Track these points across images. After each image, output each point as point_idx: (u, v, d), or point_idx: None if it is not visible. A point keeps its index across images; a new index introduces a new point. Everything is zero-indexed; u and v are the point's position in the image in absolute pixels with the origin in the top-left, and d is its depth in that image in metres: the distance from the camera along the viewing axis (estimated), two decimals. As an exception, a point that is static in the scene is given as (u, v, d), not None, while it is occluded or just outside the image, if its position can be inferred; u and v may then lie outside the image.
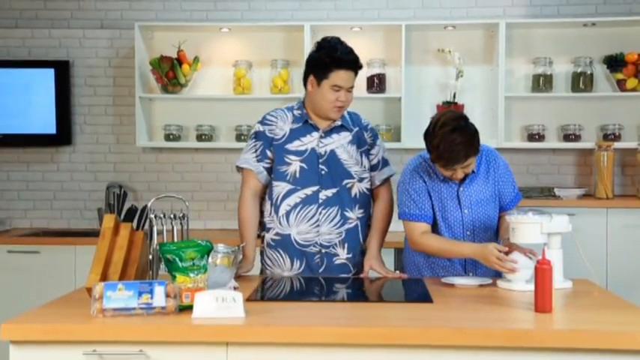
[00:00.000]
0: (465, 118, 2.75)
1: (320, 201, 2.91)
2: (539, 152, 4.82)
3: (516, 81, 4.80)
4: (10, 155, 5.02)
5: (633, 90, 4.62)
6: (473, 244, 2.77)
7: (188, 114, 4.89)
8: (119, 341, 2.06)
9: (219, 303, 2.13)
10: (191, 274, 2.24)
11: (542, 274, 2.23)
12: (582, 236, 2.81)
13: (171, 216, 2.64)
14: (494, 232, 2.93)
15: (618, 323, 2.13)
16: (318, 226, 2.91)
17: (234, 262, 2.55)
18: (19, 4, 5.01)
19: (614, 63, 4.62)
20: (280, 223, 2.93)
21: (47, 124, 4.89)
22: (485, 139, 4.67)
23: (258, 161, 2.96)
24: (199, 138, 4.82)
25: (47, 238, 4.63)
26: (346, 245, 2.94)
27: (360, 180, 2.98)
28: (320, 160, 2.93)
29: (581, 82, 4.66)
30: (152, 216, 2.60)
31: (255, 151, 2.97)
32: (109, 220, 2.51)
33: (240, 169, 3.01)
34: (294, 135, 2.95)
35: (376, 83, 4.70)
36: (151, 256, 2.59)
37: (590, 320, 2.17)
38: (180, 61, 4.75)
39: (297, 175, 2.92)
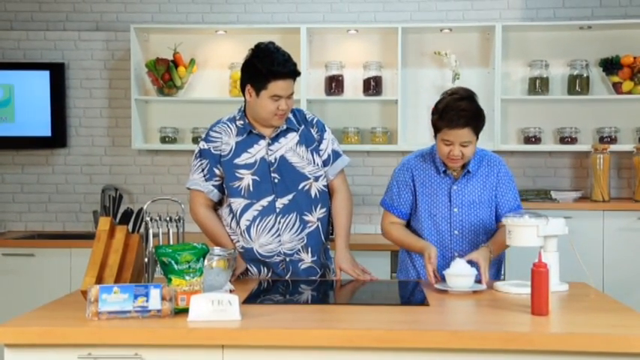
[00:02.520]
0: (476, 96, 2.81)
1: (277, 210, 2.87)
2: (536, 155, 4.82)
3: (512, 84, 4.80)
4: (5, 158, 5.01)
5: (629, 93, 4.62)
6: (425, 242, 2.83)
7: (184, 116, 4.88)
8: (114, 344, 2.05)
9: (214, 306, 2.12)
10: (187, 277, 2.23)
11: (538, 276, 2.23)
12: (578, 239, 2.81)
13: (167, 219, 2.63)
14: (488, 237, 2.89)
15: (614, 326, 2.13)
16: (279, 235, 2.88)
17: (229, 265, 2.54)
18: (14, 6, 5.00)
19: (610, 66, 4.62)
20: (244, 237, 2.90)
21: (42, 127, 4.88)
22: (482, 142, 4.66)
23: (207, 180, 2.92)
24: (195, 140, 4.81)
25: (42, 241, 4.62)
26: (309, 249, 2.92)
27: (316, 179, 2.93)
28: (271, 169, 2.88)
29: (578, 84, 4.66)
30: (148, 219, 2.60)
31: (202, 170, 2.92)
32: (104, 222, 2.50)
33: (189, 189, 2.97)
34: (240, 148, 2.89)
35: (372, 86, 4.70)
36: (146, 259, 2.58)
37: (586, 323, 2.17)
38: (176, 63, 4.74)
39: (251, 188, 2.87)
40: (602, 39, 4.72)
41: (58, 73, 4.89)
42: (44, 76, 4.87)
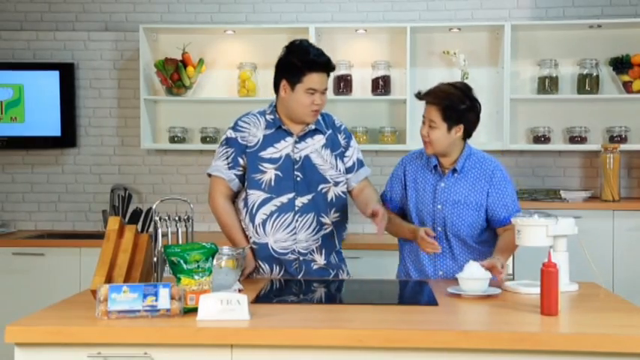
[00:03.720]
0: (470, 91, 2.88)
1: (296, 208, 2.87)
2: (545, 154, 4.80)
3: (522, 83, 4.78)
4: (15, 157, 5.03)
5: (639, 92, 4.60)
6: (414, 227, 2.87)
7: (193, 116, 4.89)
8: (124, 344, 2.05)
9: (223, 305, 2.12)
10: (196, 277, 2.23)
11: (548, 276, 2.22)
12: (588, 239, 2.79)
13: (176, 218, 2.63)
14: (475, 240, 2.89)
15: (624, 326, 2.12)
16: (295, 233, 2.88)
17: (238, 264, 2.54)
18: (24, 7, 5.02)
19: (620, 65, 4.60)
20: (257, 232, 2.89)
21: (52, 127, 4.90)
22: (491, 142, 4.70)
23: (230, 169, 2.92)
24: (204, 140, 4.82)
25: (52, 240, 4.64)
26: (323, 251, 2.93)
27: (336, 184, 2.94)
28: (295, 167, 2.88)
29: (587, 84, 4.64)
30: (157, 218, 2.60)
31: (227, 158, 2.92)
32: (113, 222, 2.51)
33: (210, 175, 2.98)
34: (267, 142, 2.90)
35: (381, 85, 4.69)
36: (155, 259, 2.59)
37: (596, 323, 2.17)
38: (184, 63, 4.75)
39: (273, 183, 2.87)
40: (612, 38, 4.69)
41: (67, 73, 4.91)
42: (54, 76, 4.88)
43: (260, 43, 4.87)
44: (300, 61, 2.83)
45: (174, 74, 4.72)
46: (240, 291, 2.54)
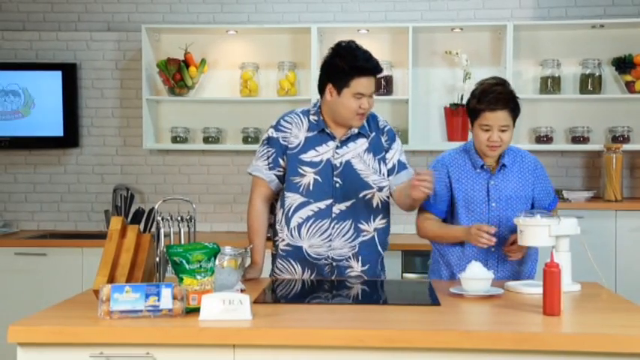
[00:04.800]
0: (509, 84, 2.86)
1: (333, 215, 2.83)
2: (548, 154, 4.79)
3: (524, 83, 4.78)
4: (18, 157, 5.03)
5: (642, 92, 4.60)
6: (461, 228, 2.82)
7: (195, 116, 4.89)
8: (126, 343, 2.05)
9: (226, 305, 2.12)
10: (198, 277, 2.23)
11: (550, 276, 2.21)
12: (591, 239, 2.79)
13: (178, 218, 2.63)
14: None
15: (627, 326, 2.11)
16: (330, 240, 2.84)
17: (241, 264, 2.54)
18: (27, 7, 5.02)
19: (623, 65, 4.60)
20: (292, 235, 2.86)
21: (54, 127, 4.90)
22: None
23: (270, 169, 2.89)
24: (206, 140, 4.82)
25: (54, 240, 4.64)
26: (360, 258, 2.87)
27: (380, 189, 2.87)
28: (335, 172, 2.83)
29: (590, 84, 4.64)
30: (159, 218, 2.60)
31: (267, 158, 2.89)
32: (116, 222, 2.51)
33: (251, 174, 2.96)
34: (309, 144, 2.85)
35: (383, 85, 4.69)
36: (157, 259, 2.59)
37: (598, 323, 2.16)
38: (187, 63, 4.76)
39: (311, 187, 2.83)
40: (615, 38, 4.69)
41: (70, 74, 4.91)
42: (56, 76, 4.89)
43: (262, 43, 4.87)
44: (347, 65, 2.75)
45: (177, 74, 4.73)
46: (242, 291, 2.53)
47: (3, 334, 2.11)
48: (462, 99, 4.67)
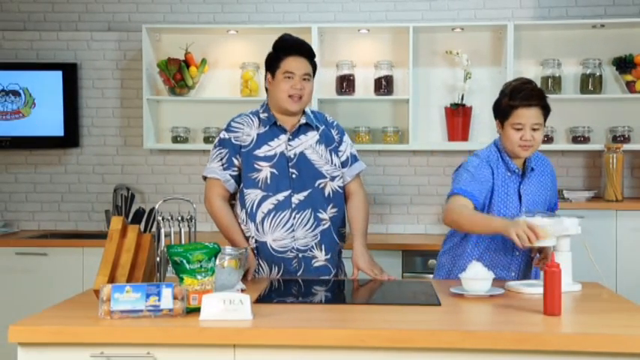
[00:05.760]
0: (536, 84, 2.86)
1: (293, 205, 2.88)
2: (548, 154, 4.71)
3: (524, 83, 4.77)
4: (18, 157, 5.04)
5: (642, 92, 4.59)
6: (504, 219, 2.64)
7: (195, 116, 4.89)
8: (127, 343, 2.05)
9: (226, 305, 2.12)
10: (198, 277, 2.23)
11: (551, 276, 2.21)
12: (591, 239, 2.79)
13: (179, 218, 2.63)
14: None
15: (627, 326, 2.11)
16: (293, 231, 2.89)
17: (241, 264, 2.54)
18: (27, 7, 5.02)
19: (623, 64, 4.60)
20: (258, 230, 2.90)
21: (55, 127, 4.90)
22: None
23: (225, 169, 2.93)
24: (207, 140, 4.82)
25: (55, 240, 4.64)
26: (323, 247, 2.93)
27: (332, 179, 2.95)
28: (290, 164, 2.90)
29: (590, 83, 4.64)
30: (159, 218, 2.60)
31: (221, 159, 2.93)
32: (116, 222, 2.51)
33: (205, 178, 2.98)
34: (261, 140, 2.92)
35: (383, 85, 4.69)
36: (158, 259, 2.59)
37: (599, 323, 2.16)
38: (187, 63, 4.76)
39: (269, 181, 2.88)
40: (615, 37, 4.69)
41: (70, 74, 4.91)
42: (57, 76, 4.89)
43: (263, 43, 4.81)
44: (276, 48, 2.93)
45: (177, 74, 4.73)
46: (242, 291, 2.54)
47: (3, 333, 2.11)
48: (462, 99, 4.67)
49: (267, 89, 2.99)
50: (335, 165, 2.97)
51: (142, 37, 4.72)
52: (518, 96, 2.75)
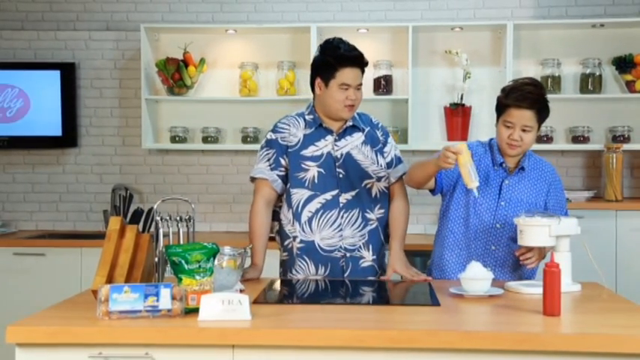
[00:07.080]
0: (544, 88, 2.85)
1: (341, 205, 2.90)
2: (548, 154, 4.78)
3: (524, 82, 4.77)
4: (16, 157, 5.03)
5: (642, 91, 4.59)
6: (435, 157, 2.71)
7: (194, 116, 4.89)
8: (125, 344, 2.05)
9: (225, 305, 2.11)
10: (197, 277, 2.22)
11: (550, 277, 2.21)
12: (591, 239, 2.78)
13: (177, 218, 2.62)
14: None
15: (627, 326, 2.11)
16: (341, 230, 2.90)
17: (240, 264, 2.54)
18: (25, 6, 5.02)
19: (623, 64, 4.60)
20: (304, 230, 2.90)
21: (53, 126, 4.89)
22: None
23: (272, 169, 2.93)
24: (205, 140, 4.81)
25: (53, 240, 4.63)
26: (370, 247, 2.94)
27: (379, 179, 2.96)
28: (337, 164, 2.91)
29: (590, 83, 4.64)
30: (158, 218, 2.59)
31: (269, 159, 2.94)
32: (114, 222, 2.50)
33: (254, 179, 2.98)
34: (308, 140, 2.92)
35: (383, 85, 4.69)
36: (156, 259, 2.58)
37: (598, 323, 2.16)
38: (186, 62, 4.75)
39: (316, 180, 2.89)
40: (615, 37, 4.68)
41: (68, 73, 4.90)
42: (55, 76, 4.88)
43: (262, 43, 4.86)
44: (331, 57, 2.86)
45: (176, 74, 4.72)
46: (241, 291, 2.53)
47: (1, 334, 2.11)
48: (461, 98, 4.66)
49: (313, 91, 2.94)
50: (381, 166, 2.97)
51: (141, 36, 4.72)
52: (512, 96, 2.77)
